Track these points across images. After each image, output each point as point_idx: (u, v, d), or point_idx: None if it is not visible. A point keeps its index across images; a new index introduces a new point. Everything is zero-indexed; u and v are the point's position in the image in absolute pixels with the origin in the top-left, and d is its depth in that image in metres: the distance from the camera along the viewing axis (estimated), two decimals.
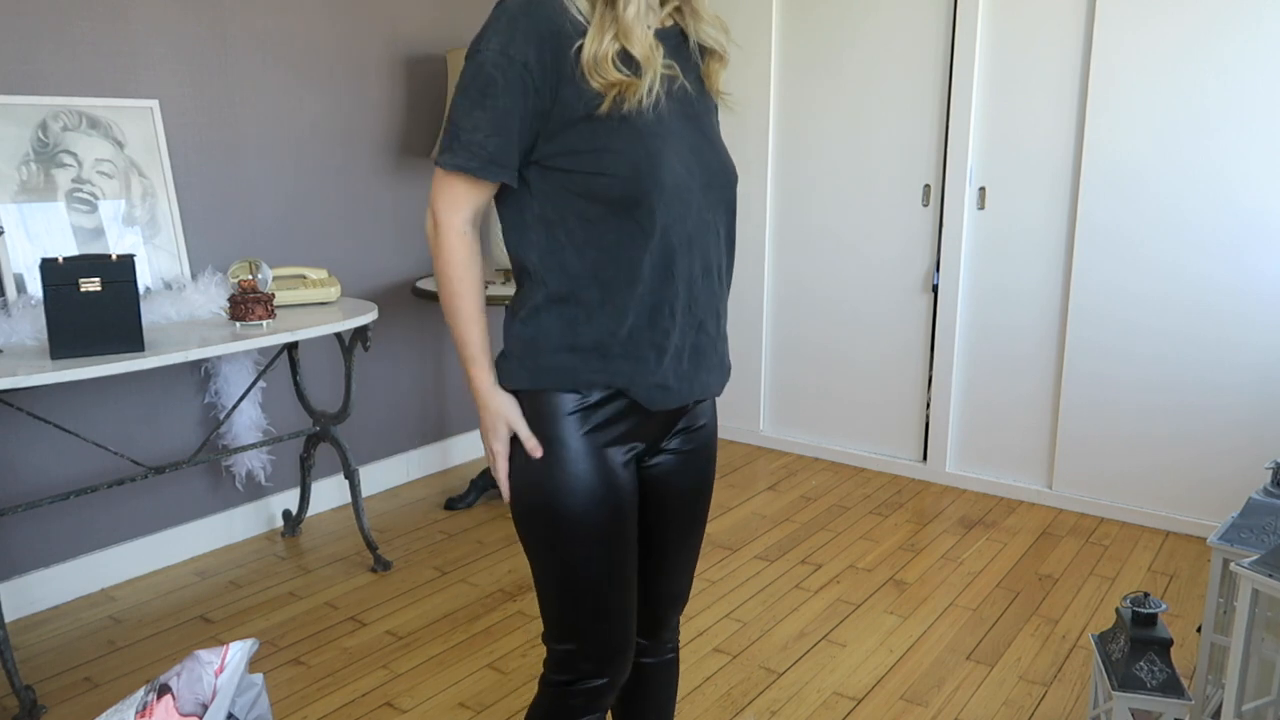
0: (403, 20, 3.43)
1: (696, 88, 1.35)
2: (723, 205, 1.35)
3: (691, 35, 1.36)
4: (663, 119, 1.27)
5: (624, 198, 1.24)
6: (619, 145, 1.23)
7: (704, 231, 1.32)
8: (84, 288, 2.17)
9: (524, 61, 1.21)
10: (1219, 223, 3.01)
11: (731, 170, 1.37)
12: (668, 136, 1.26)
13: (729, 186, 1.36)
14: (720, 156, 1.35)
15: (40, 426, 2.63)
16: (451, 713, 2.22)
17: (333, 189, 3.29)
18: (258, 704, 1.33)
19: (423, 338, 3.65)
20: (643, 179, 1.23)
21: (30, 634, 2.57)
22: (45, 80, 2.57)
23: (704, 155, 1.32)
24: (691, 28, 1.35)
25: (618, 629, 1.36)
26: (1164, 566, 2.97)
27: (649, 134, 1.24)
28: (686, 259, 1.30)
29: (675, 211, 1.26)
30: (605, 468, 1.31)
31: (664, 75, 1.27)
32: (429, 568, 2.96)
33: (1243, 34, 2.89)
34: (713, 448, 1.48)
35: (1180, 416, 3.15)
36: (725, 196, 1.36)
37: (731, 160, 1.37)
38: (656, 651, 1.55)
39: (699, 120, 1.33)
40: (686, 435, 1.43)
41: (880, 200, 3.64)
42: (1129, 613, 1.76)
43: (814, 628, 2.60)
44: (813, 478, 3.73)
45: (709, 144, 1.34)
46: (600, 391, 1.30)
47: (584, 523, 1.30)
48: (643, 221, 1.25)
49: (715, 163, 1.33)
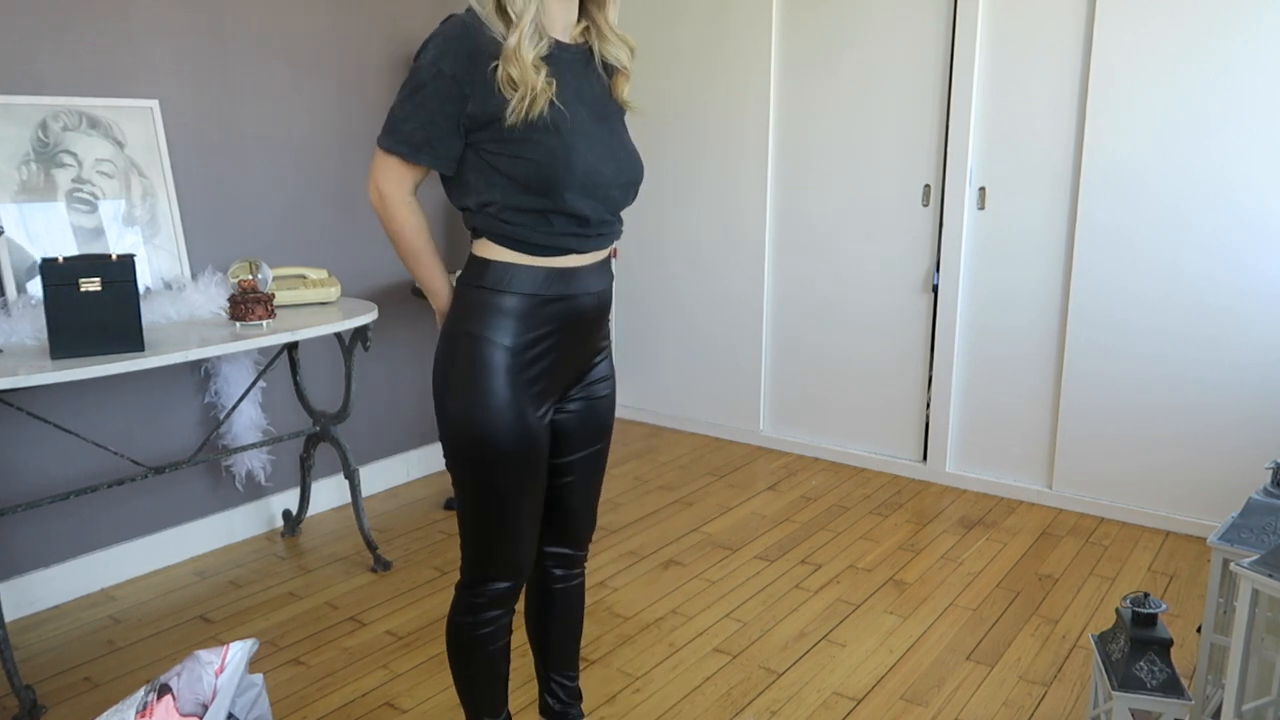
0: (403, 20, 3.43)
1: (603, 95, 1.63)
2: (631, 190, 1.65)
3: (596, 53, 1.63)
4: (576, 119, 1.54)
5: (540, 181, 1.51)
6: (537, 138, 1.50)
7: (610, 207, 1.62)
8: (84, 288, 2.17)
9: (451, 75, 1.48)
10: (1219, 223, 3.01)
11: (637, 163, 1.66)
12: (579, 133, 1.53)
13: (634, 176, 1.65)
14: (626, 150, 1.64)
15: (40, 426, 2.63)
16: (451, 713, 2.22)
17: (333, 189, 3.29)
18: (258, 704, 1.33)
19: (423, 338, 3.65)
20: (556, 166, 1.50)
21: (30, 634, 2.57)
22: (45, 80, 2.57)
23: (613, 149, 1.60)
24: (596, 47, 1.63)
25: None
26: (1164, 566, 2.97)
27: (564, 130, 1.52)
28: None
29: (583, 191, 1.55)
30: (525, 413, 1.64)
31: (567, 85, 1.54)
32: (429, 568, 2.96)
33: (1243, 34, 2.89)
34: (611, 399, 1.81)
35: (1180, 416, 3.15)
36: (631, 181, 1.64)
37: (638, 155, 1.67)
38: (569, 579, 1.89)
39: (609, 121, 1.62)
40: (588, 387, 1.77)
41: (880, 200, 3.64)
42: (1129, 613, 1.76)
43: (814, 628, 2.60)
44: (813, 478, 3.73)
45: (618, 141, 1.63)
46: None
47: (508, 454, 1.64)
48: (553, 198, 1.53)
49: (622, 155, 1.62)
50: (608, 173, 1.57)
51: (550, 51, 1.54)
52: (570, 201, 1.53)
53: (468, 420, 1.58)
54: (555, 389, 1.66)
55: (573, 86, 1.56)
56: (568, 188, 1.52)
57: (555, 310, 1.59)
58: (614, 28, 1.63)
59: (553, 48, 1.54)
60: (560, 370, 1.65)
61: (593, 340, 1.71)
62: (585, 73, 1.61)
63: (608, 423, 1.80)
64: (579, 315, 1.63)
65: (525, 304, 1.57)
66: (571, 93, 1.55)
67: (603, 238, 1.63)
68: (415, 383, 3.66)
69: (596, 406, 1.76)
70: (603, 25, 1.62)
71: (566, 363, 1.66)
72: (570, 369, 1.68)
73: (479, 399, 1.56)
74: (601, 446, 1.81)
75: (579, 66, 1.60)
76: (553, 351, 1.61)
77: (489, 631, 1.73)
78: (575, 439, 1.75)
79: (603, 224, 1.61)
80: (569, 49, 1.59)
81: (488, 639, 1.73)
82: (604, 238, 1.63)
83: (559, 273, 1.58)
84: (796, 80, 3.76)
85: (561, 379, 1.67)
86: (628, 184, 1.63)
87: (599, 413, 1.77)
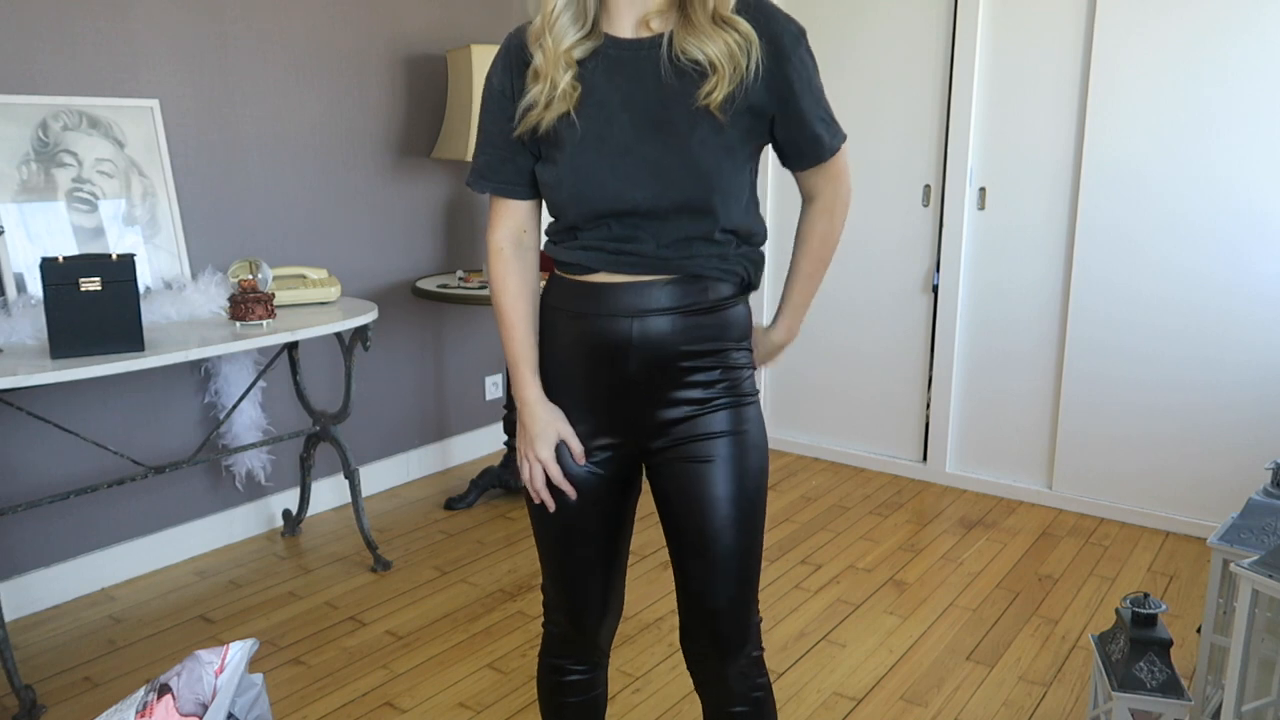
0: (403, 20, 3.43)
1: (666, 99, 1.29)
2: (684, 214, 1.33)
3: (677, 45, 1.29)
4: (603, 132, 1.30)
5: (555, 207, 1.37)
6: (558, 158, 1.33)
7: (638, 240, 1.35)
8: (84, 287, 2.17)
9: (500, 89, 1.37)
10: (1219, 223, 3.01)
11: (691, 180, 1.31)
12: (602, 149, 1.30)
13: (676, 199, 1.32)
14: (673, 166, 1.30)
15: (40, 426, 2.63)
16: (451, 713, 2.22)
17: (333, 189, 3.29)
18: (258, 704, 1.33)
19: (423, 338, 3.65)
20: (563, 190, 1.34)
21: (30, 634, 2.57)
22: (45, 80, 2.57)
23: (651, 167, 1.30)
24: (678, 37, 1.29)
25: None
26: (1164, 567, 2.97)
27: (580, 147, 1.31)
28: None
29: (597, 220, 1.34)
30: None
31: (614, 89, 1.30)
32: (429, 568, 2.96)
33: (1243, 35, 2.89)
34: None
35: (1180, 416, 3.15)
36: (673, 207, 1.32)
37: (702, 168, 1.30)
38: (714, 690, 1.48)
39: (663, 131, 1.29)
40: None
41: (880, 200, 3.64)
42: (1129, 613, 1.76)
43: (814, 628, 2.60)
44: (813, 478, 3.73)
45: (671, 154, 1.29)
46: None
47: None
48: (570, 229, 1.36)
49: (675, 172, 1.30)
50: (636, 198, 1.30)
51: (597, 49, 1.31)
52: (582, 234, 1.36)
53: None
54: (602, 429, 1.41)
55: (622, 91, 1.30)
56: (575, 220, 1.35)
57: (579, 329, 1.39)
58: (719, 12, 1.27)
59: (603, 44, 1.31)
60: (597, 406, 1.40)
61: (654, 379, 1.37)
62: (645, 73, 1.31)
63: (711, 495, 1.37)
64: (606, 339, 1.36)
65: (550, 316, 1.43)
66: (620, 98, 1.30)
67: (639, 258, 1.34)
68: (415, 383, 3.66)
69: (691, 472, 1.38)
70: (694, 12, 1.27)
71: (602, 396, 1.40)
72: (620, 410, 1.40)
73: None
74: (703, 526, 1.38)
75: (639, 66, 1.31)
76: (579, 380, 1.40)
77: (550, 680, 1.58)
78: (670, 508, 1.42)
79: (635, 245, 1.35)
80: (628, 45, 1.31)
81: (548, 685, 1.59)
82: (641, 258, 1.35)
83: (587, 288, 1.37)
84: None
85: (606, 419, 1.41)
86: (663, 210, 1.31)
87: (695, 480, 1.38)
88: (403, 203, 3.51)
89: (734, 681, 1.45)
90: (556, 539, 1.46)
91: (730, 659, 1.43)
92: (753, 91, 1.30)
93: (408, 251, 3.55)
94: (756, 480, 1.41)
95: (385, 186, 3.45)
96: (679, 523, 1.41)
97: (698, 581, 1.41)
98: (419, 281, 3.46)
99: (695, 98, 1.28)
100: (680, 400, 1.38)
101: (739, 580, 1.40)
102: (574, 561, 1.47)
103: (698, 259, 1.34)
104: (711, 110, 1.28)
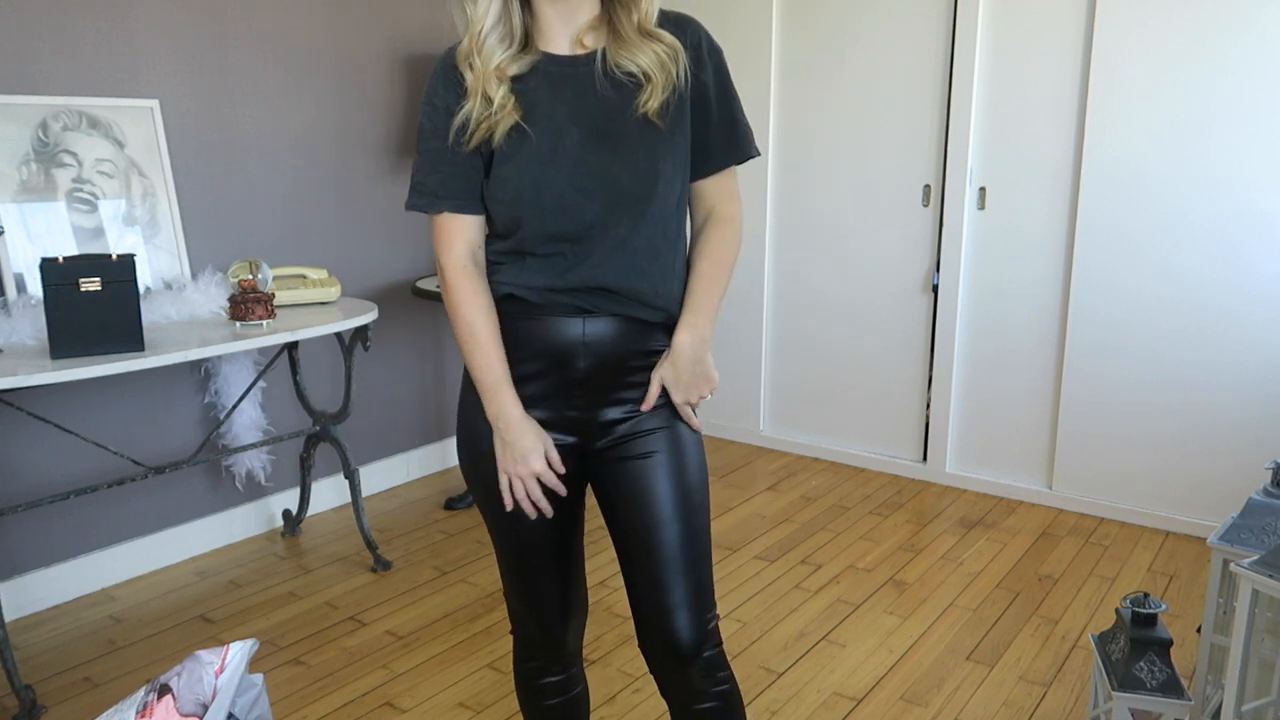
0: (403, 20, 3.43)
1: (605, 110, 1.35)
2: (628, 217, 1.37)
3: (610, 59, 1.36)
4: (557, 145, 1.33)
5: (506, 220, 1.37)
6: (506, 172, 1.35)
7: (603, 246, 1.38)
8: (84, 287, 2.17)
9: (444, 106, 1.37)
10: (1219, 223, 3.01)
11: (639, 185, 1.36)
12: (557, 161, 1.33)
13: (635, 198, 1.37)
14: (628, 175, 1.35)
15: (40, 426, 2.62)
16: (451, 713, 2.22)
17: (333, 189, 3.29)
18: (258, 704, 1.33)
19: (423, 338, 3.65)
20: (523, 204, 1.34)
21: (30, 634, 2.57)
22: (45, 80, 2.57)
23: (610, 174, 1.34)
24: (610, 52, 1.36)
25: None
26: (1164, 567, 2.97)
27: (536, 160, 1.34)
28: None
29: (555, 229, 1.35)
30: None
31: (559, 101, 1.34)
32: (429, 568, 2.96)
33: (1243, 34, 2.89)
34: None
35: (1180, 416, 3.15)
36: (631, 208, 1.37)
37: (650, 171, 1.36)
38: (677, 692, 1.46)
39: (610, 139, 1.34)
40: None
41: (880, 200, 3.64)
42: (1129, 613, 1.76)
43: (814, 628, 2.60)
44: (813, 478, 3.73)
45: (619, 162, 1.34)
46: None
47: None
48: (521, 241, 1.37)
49: (624, 179, 1.35)
50: (589, 211, 1.35)
51: (536, 65, 1.36)
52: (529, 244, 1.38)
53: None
54: (551, 430, 1.43)
55: (568, 104, 1.35)
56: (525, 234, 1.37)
57: (529, 330, 1.41)
58: (644, 26, 1.35)
59: (541, 61, 1.36)
60: (547, 406, 1.42)
61: (602, 378, 1.41)
62: (586, 88, 1.36)
63: (653, 489, 1.40)
64: (556, 340, 1.40)
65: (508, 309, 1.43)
66: (566, 111, 1.35)
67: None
68: (415, 383, 3.66)
69: (633, 468, 1.41)
70: (623, 27, 1.35)
71: (552, 396, 1.42)
72: (570, 410, 1.42)
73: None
74: (646, 519, 1.40)
75: (579, 81, 1.36)
76: (531, 381, 1.42)
77: (528, 685, 1.61)
78: (614, 506, 1.45)
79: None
80: (566, 62, 1.37)
81: (525, 689, 1.62)
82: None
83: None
84: (797, 80, 3.75)
85: (557, 419, 1.43)
86: (614, 219, 1.36)
87: (636, 475, 1.41)
88: (402, 203, 3.50)
89: (697, 680, 1.43)
90: (518, 551, 1.48)
91: (689, 658, 1.41)
92: (685, 97, 1.39)
93: (408, 251, 3.55)
94: (697, 474, 1.44)
95: (385, 186, 3.45)
96: (624, 521, 1.43)
97: (646, 577, 1.42)
98: (419, 282, 3.46)
99: (634, 107, 1.35)
100: (623, 400, 1.42)
101: (686, 574, 1.41)
102: (531, 568, 1.49)
103: (642, 264, 1.39)
104: (650, 118, 1.35)
